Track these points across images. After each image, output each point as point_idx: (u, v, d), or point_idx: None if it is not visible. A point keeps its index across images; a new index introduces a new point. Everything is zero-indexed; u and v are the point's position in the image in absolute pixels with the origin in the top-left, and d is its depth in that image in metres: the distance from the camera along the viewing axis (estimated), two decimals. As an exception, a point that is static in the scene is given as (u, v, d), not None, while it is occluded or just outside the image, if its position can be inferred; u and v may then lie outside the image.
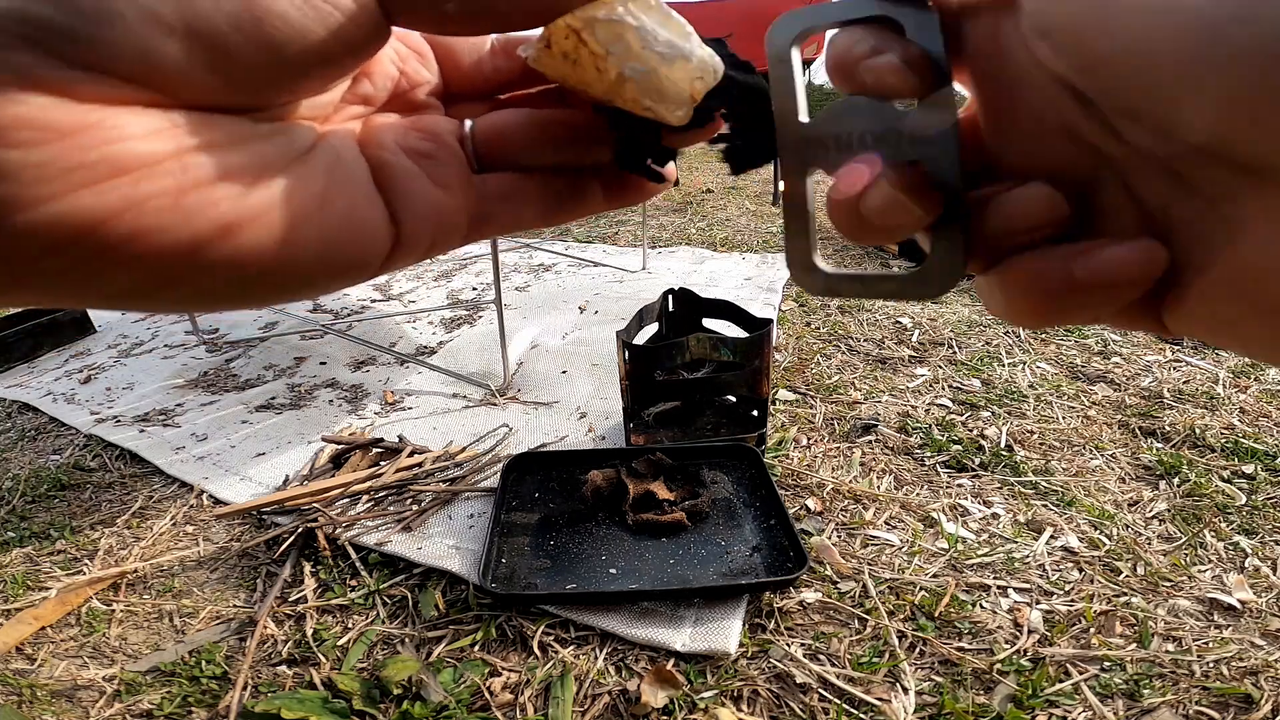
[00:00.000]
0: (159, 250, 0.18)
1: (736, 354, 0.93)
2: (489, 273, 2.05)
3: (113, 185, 0.18)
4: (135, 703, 0.55)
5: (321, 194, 0.21)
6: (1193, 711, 0.56)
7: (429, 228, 0.23)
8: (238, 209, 0.19)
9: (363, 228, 0.22)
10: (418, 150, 0.24)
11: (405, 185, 0.23)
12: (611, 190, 0.28)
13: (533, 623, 0.65)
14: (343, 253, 0.21)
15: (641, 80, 0.24)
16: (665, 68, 0.24)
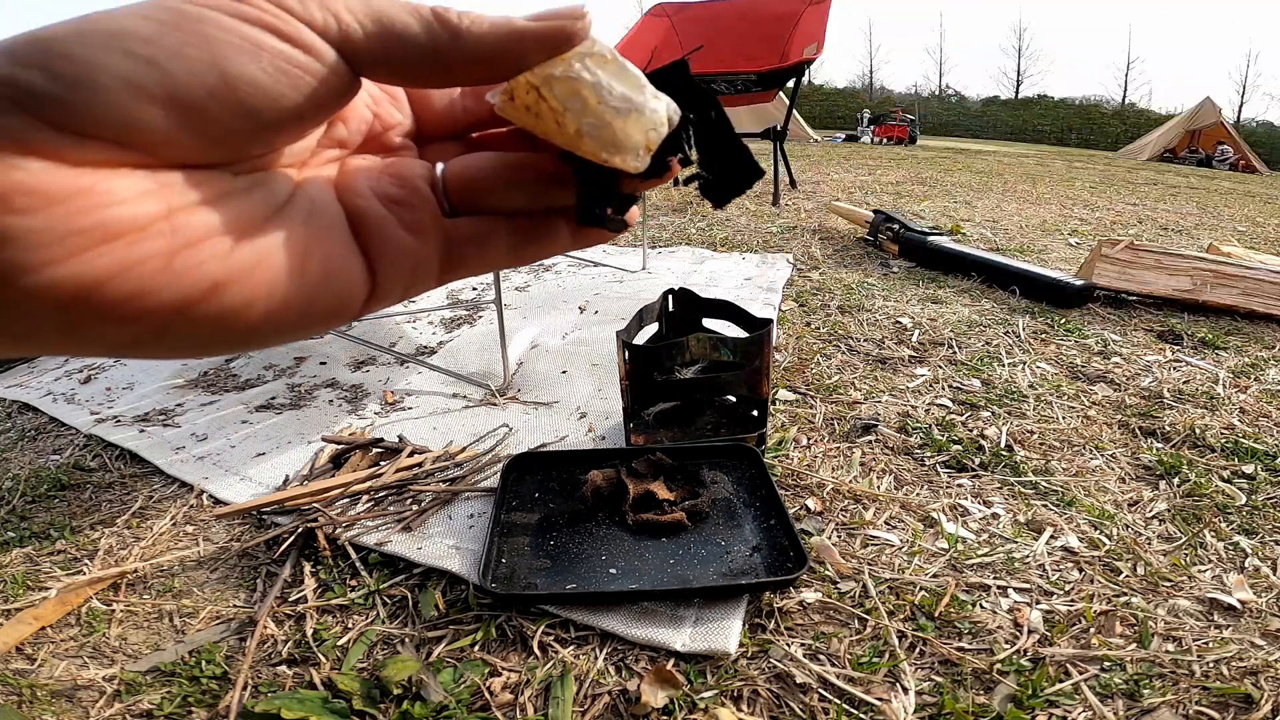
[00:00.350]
0: (152, 310, 0.19)
1: (736, 354, 0.93)
2: (489, 273, 2.05)
3: (109, 249, 0.19)
4: (135, 703, 0.55)
5: (302, 247, 0.22)
6: (1193, 711, 0.56)
7: (404, 273, 0.25)
8: (225, 268, 0.20)
9: (341, 277, 0.23)
10: (391, 197, 0.25)
11: (380, 233, 0.24)
12: (578, 231, 0.30)
13: (533, 623, 0.65)
14: (323, 302, 0.22)
15: (597, 135, 0.26)
16: (619, 121, 0.26)
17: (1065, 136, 25.49)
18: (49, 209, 0.18)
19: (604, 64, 0.27)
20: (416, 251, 0.25)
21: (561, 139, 0.26)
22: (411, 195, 0.26)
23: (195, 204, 0.20)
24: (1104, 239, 1.79)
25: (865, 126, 15.14)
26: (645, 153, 0.26)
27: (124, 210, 0.19)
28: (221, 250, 0.20)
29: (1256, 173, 11.11)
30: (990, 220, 3.05)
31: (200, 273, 0.20)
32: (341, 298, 0.23)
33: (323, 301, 0.23)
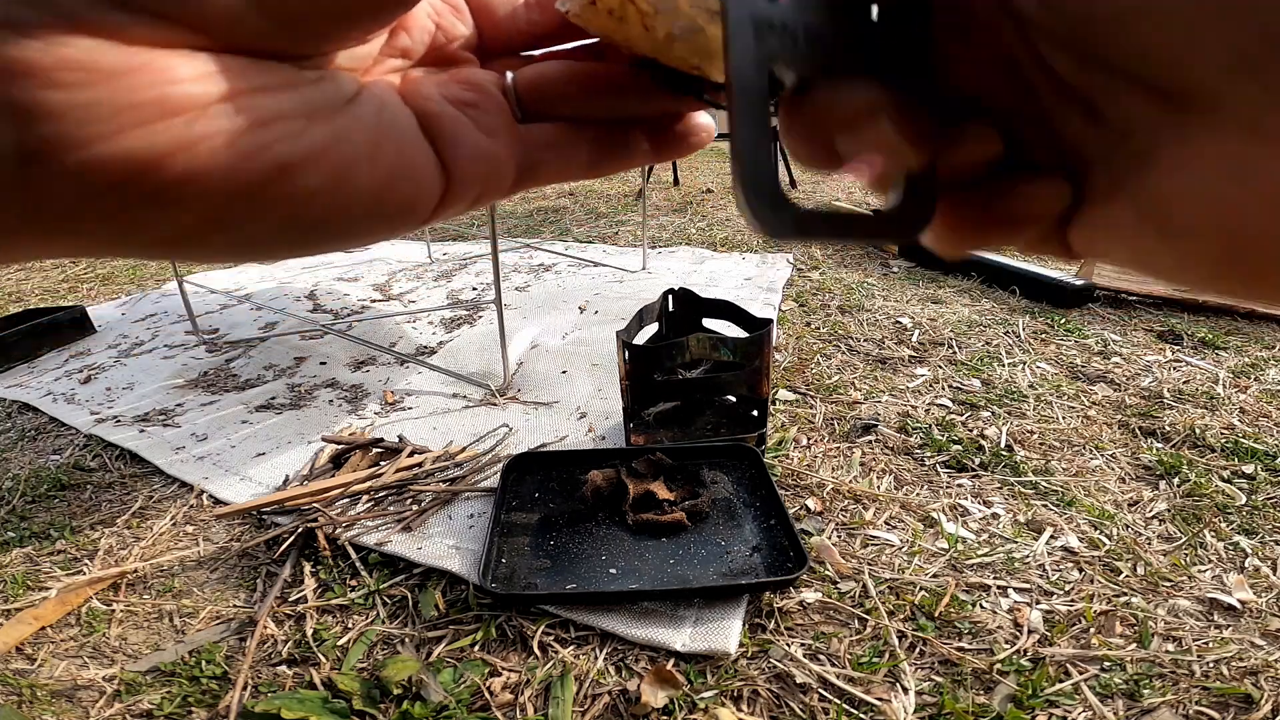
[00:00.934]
0: (213, 191, 0.18)
1: (736, 354, 0.93)
2: (489, 273, 2.05)
3: (165, 126, 0.17)
4: (135, 703, 0.55)
5: (373, 139, 0.21)
6: (1193, 711, 0.56)
7: (479, 175, 0.23)
8: (292, 151, 0.19)
9: (414, 174, 0.21)
10: (462, 100, 0.24)
11: (453, 133, 0.23)
12: (658, 142, 0.28)
13: (533, 623, 0.65)
14: (395, 199, 0.21)
15: (690, 39, 0.23)
16: (714, 27, 0.23)
17: (1065, 136, 25.49)
18: (99, 85, 0.17)
19: None
20: (493, 153, 0.23)
21: (647, 45, 0.23)
22: (483, 99, 0.25)
23: (260, 88, 0.19)
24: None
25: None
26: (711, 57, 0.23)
27: (182, 88, 0.18)
28: (289, 134, 0.19)
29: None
30: (990, 220, 3.05)
31: (267, 155, 0.18)
32: (414, 195, 0.22)
33: (395, 198, 0.21)
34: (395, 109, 0.22)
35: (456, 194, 0.23)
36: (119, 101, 0.17)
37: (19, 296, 2.01)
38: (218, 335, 1.54)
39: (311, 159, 0.19)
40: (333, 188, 0.19)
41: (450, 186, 0.22)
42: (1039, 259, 1.97)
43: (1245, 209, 0.15)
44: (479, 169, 0.23)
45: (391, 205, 0.21)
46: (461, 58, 0.27)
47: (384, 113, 0.21)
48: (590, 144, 0.27)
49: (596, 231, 2.69)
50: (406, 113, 0.22)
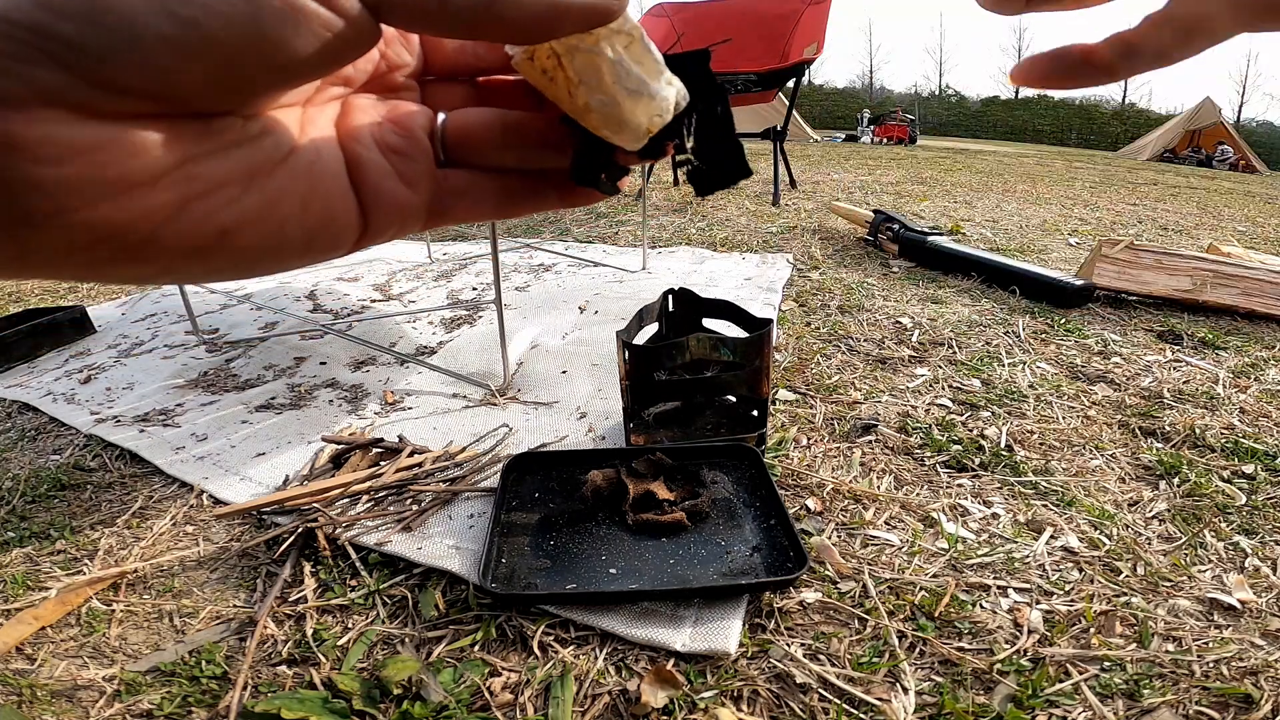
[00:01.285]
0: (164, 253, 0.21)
1: (736, 354, 0.93)
2: (489, 273, 2.05)
3: (128, 198, 0.20)
4: (135, 703, 0.55)
5: (304, 195, 0.24)
6: (1193, 711, 0.56)
7: (394, 222, 0.27)
8: (232, 216, 0.22)
9: (338, 222, 0.25)
10: (392, 146, 0.27)
11: (377, 183, 0.26)
12: (565, 192, 0.31)
13: (533, 623, 0.65)
14: (319, 243, 0.24)
15: (603, 111, 0.27)
16: (629, 103, 0.27)
17: (1065, 136, 25.49)
18: (74, 160, 0.19)
19: (629, 44, 0.28)
20: (409, 202, 0.27)
21: (569, 107, 0.27)
22: (411, 146, 0.28)
23: (208, 154, 0.22)
24: (1104, 239, 1.79)
25: (865, 126, 15.14)
26: (646, 134, 0.28)
27: (142, 161, 0.20)
28: (230, 198, 0.22)
29: (1256, 173, 11.11)
30: (990, 220, 3.05)
31: (210, 221, 0.22)
32: (336, 239, 0.25)
33: (319, 243, 0.25)
34: (328, 158, 0.25)
35: (372, 235, 0.26)
36: (92, 176, 0.20)
37: (19, 296, 2.01)
38: (218, 335, 1.54)
39: (248, 222, 0.23)
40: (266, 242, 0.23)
41: (367, 229, 0.26)
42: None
43: None
44: (394, 216, 0.26)
45: (316, 249, 0.24)
46: (402, 86, 0.29)
47: (317, 165, 0.24)
48: (500, 191, 0.30)
49: (596, 231, 2.68)
50: (338, 159, 0.25)
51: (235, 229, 0.22)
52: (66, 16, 0.19)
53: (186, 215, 0.21)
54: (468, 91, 0.31)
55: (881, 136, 14.04)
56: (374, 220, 0.26)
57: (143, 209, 0.21)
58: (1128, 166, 9.45)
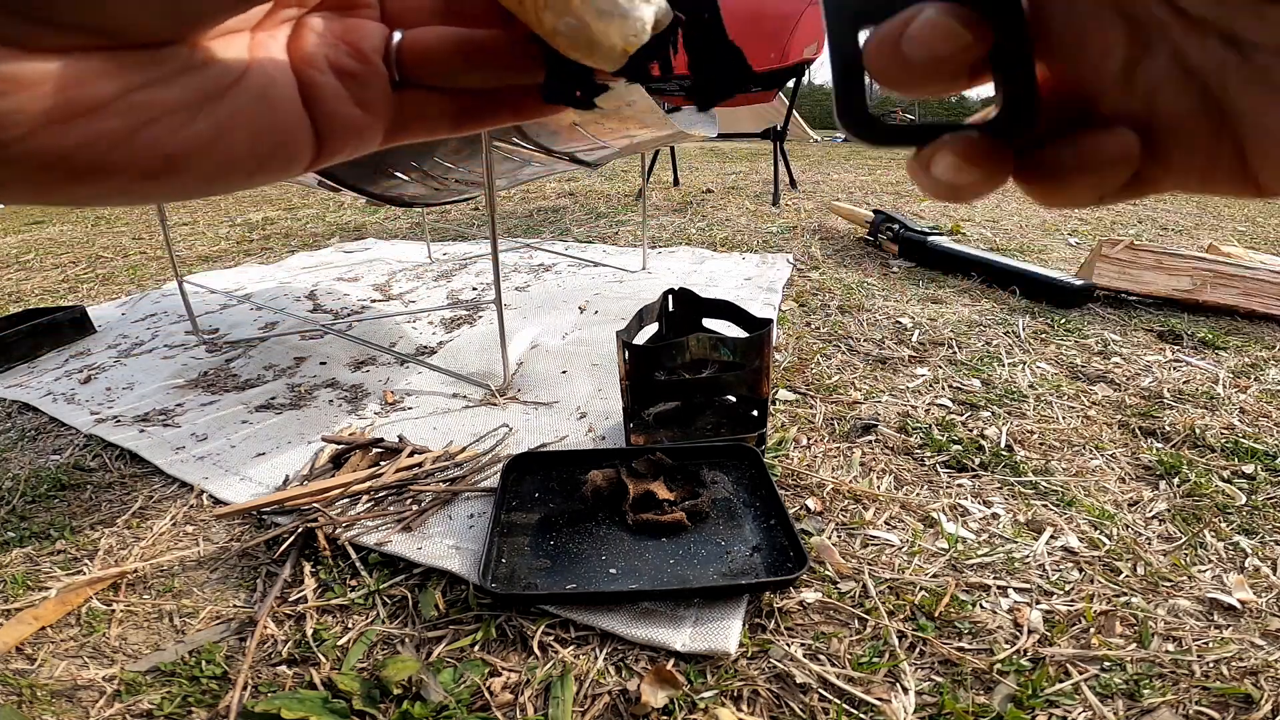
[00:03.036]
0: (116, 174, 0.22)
1: (736, 354, 0.93)
2: (489, 273, 2.05)
3: (72, 126, 0.21)
4: (135, 703, 0.55)
5: (255, 120, 0.24)
6: (1193, 711, 0.56)
7: (348, 143, 0.26)
8: (180, 142, 0.22)
9: (291, 144, 0.25)
10: (346, 69, 0.26)
11: (331, 107, 0.25)
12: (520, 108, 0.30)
13: (533, 623, 0.65)
14: (272, 166, 0.24)
15: (571, 34, 0.25)
16: (599, 24, 0.25)
17: (1065, 136, 25.44)
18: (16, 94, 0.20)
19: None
20: (363, 125, 0.26)
21: (539, 30, 0.26)
22: (365, 69, 0.27)
23: (152, 82, 0.21)
24: (1104, 239, 1.79)
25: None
26: (623, 55, 0.26)
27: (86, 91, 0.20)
28: (178, 124, 0.22)
29: (1256, 173, 11.08)
30: (990, 220, 3.05)
31: (159, 148, 0.22)
32: (289, 161, 0.25)
33: (272, 165, 0.24)
34: (279, 85, 0.24)
35: (327, 156, 0.26)
36: (35, 108, 0.20)
37: (19, 296, 2.01)
38: (218, 335, 1.54)
39: (198, 148, 0.22)
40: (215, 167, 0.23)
41: (321, 151, 0.26)
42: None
43: None
44: (349, 137, 0.26)
45: (269, 170, 0.24)
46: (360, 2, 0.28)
47: (266, 92, 0.24)
48: (456, 109, 0.29)
49: (596, 231, 2.68)
50: (290, 83, 0.25)
51: (185, 154, 0.22)
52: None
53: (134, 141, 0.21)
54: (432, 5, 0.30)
55: (881, 136, 14.01)
56: (328, 143, 0.26)
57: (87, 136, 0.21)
58: (1128, 166, 9.39)
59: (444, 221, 3.04)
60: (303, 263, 2.31)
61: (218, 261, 2.43)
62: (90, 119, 0.21)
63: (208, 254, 2.58)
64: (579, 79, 0.27)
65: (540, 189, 4.02)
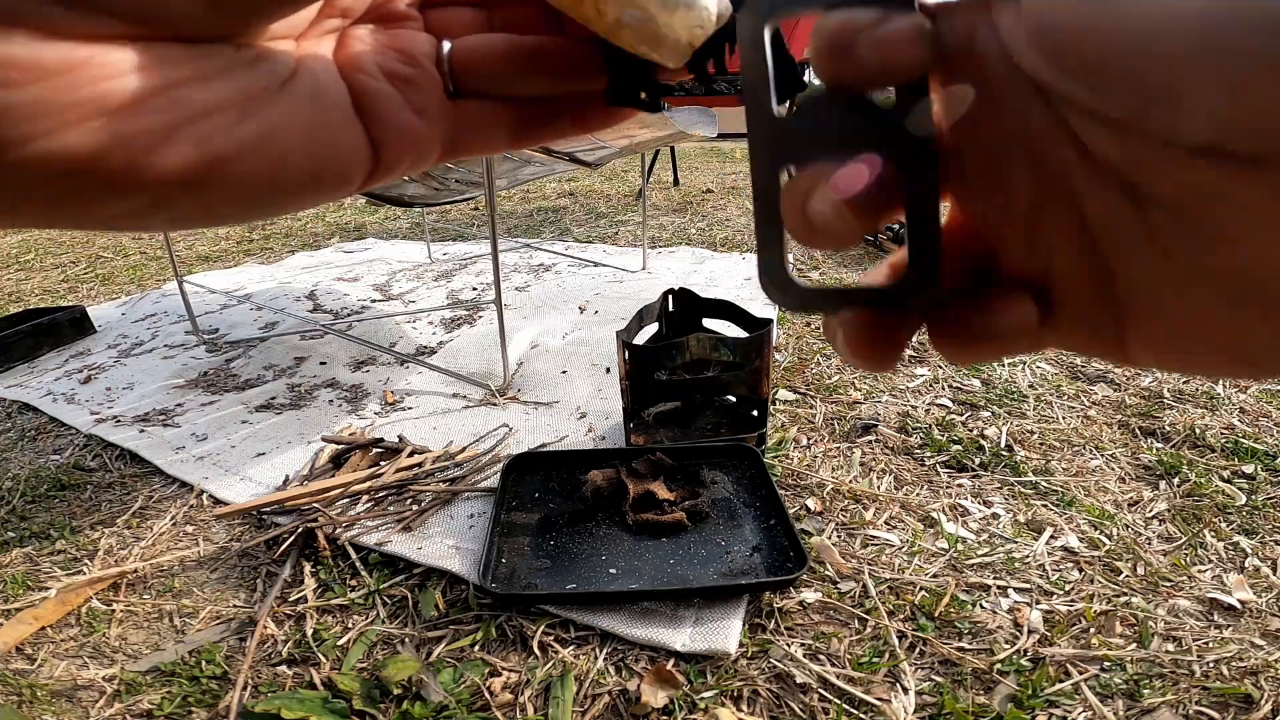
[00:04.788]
0: (152, 182, 0.18)
1: (736, 354, 0.93)
2: (489, 273, 2.05)
3: (103, 123, 0.18)
4: (135, 703, 0.55)
5: (307, 123, 0.21)
6: (1193, 711, 0.56)
7: (407, 153, 0.24)
8: (229, 142, 0.19)
9: (346, 155, 0.22)
10: (398, 75, 0.24)
11: (386, 113, 0.23)
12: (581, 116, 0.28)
13: (533, 623, 0.65)
14: (327, 177, 0.22)
15: (638, 27, 0.24)
16: (665, 15, 0.24)
17: (1065, 136, 25.48)
18: (39, 83, 0.17)
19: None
20: (421, 133, 0.24)
21: (599, 26, 0.24)
22: (419, 74, 0.25)
23: (196, 77, 0.19)
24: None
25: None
26: (689, 48, 0.25)
27: (120, 83, 0.18)
28: (225, 124, 0.20)
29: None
30: (990, 220, 3.05)
31: (205, 148, 0.19)
32: (346, 173, 0.23)
33: (327, 175, 0.22)
34: (332, 87, 0.22)
35: (385, 170, 0.24)
36: (59, 100, 0.17)
37: (19, 296, 2.01)
38: (218, 335, 1.54)
39: (246, 151, 0.20)
40: (266, 175, 0.20)
41: (379, 163, 0.23)
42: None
43: None
44: (407, 148, 0.24)
45: (324, 183, 0.22)
46: (404, 15, 0.26)
47: (320, 94, 0.22)
48: (515, 120, 0.27)
49: (596, 231, 2.69)
50: (341, 89, 0.22)
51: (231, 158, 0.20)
52: None
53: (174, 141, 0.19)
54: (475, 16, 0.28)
55: (881, 136, 14.03)
56: (386, 154, 0.23)
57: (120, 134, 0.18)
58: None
59: (444, 221, 3.04)
60: (303, 263, 2.31)
61: (218, 261, 2.43)
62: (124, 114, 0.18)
63: (208, 254, 2.58)
64: (644, 77, 0.26)
65: (540, 189, 4.02)
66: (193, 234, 3.06)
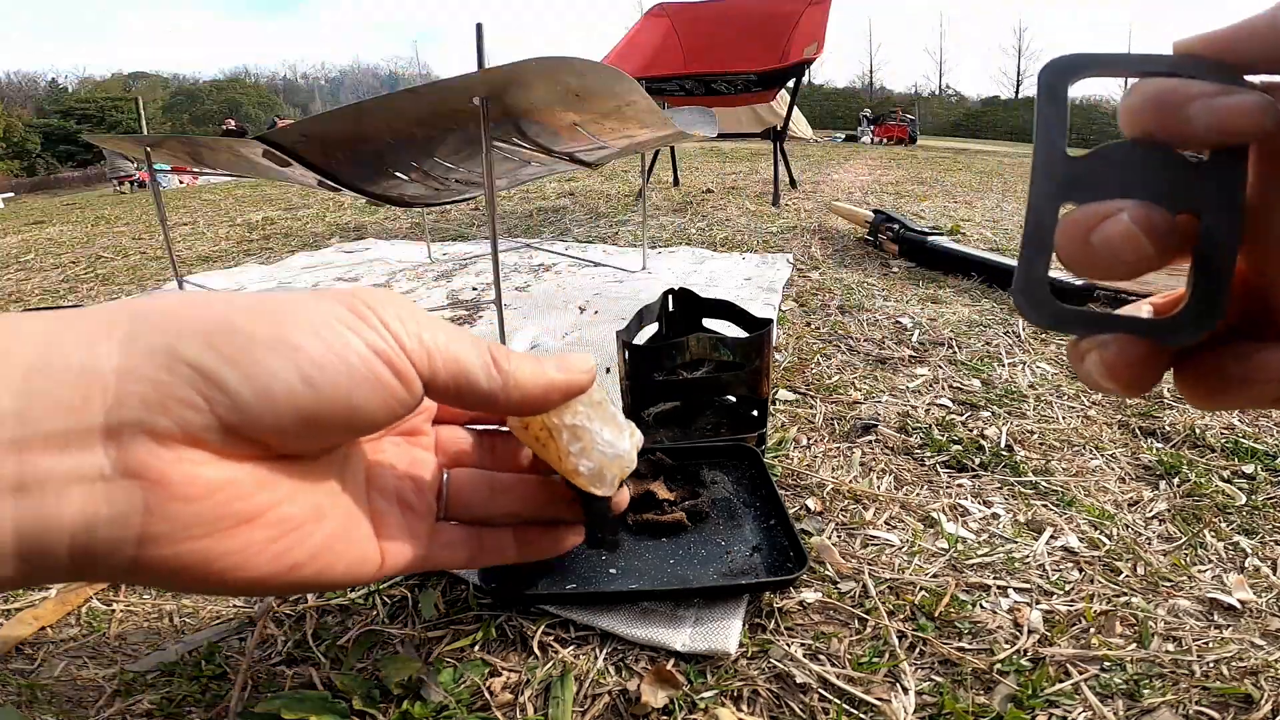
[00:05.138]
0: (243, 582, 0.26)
1: (736, 354, 0.93)
2: (489, 273, 2.05)
3: (234, 534, 0.25)
4: (135, 703, 0.55)
5: (345, 536, 0.32)
6: (1193, 711, 0.56)
7: (400, 567, 0.36)
8: (303, 551, 0.28)
9: (366, 561, 0.33)
10: (407, 502, 0.37)
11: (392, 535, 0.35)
12: (524, 544, 0.43)
13: (533, 623, 0.65)
14: (349, 579, 0.32)
15: (590, 473, 0.40)
16: (608, 464, 0.41)
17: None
18: (205, 499, 0.24)
19: (597, 408, 0.41)
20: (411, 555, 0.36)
21: (560, 467, 0.39)
22: (420, 501, 0.38)
23: (291, 495, 0.28)
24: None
25: (865, 126, 15.15)
26: (614, 483, 0.41)
27: (248, 503, 0.26)
28: (302, 538, 0.28)
29: (1256, 173, 11.07)
30: (990, 220, 3.05)
31: (288, 557, 0.27)
32: (360, 576, 0.33)
33: (350, 577, 0.32)
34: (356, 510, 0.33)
35: (385, 574, 0.35)
36: (211, 514, 0.24)
37: (19, 297, 2.01)
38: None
39: (310, 558, 0.29)
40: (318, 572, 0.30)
41: (383, 569, 0.35)
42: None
43: None
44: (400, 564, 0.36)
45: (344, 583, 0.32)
46: (420, 430, 0.41)
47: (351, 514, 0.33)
48: (473, 547, 0.40)
49: (596, 231, 2.69)
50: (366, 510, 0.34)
51: (300, 564, 0.28)
52: (230, 360, 0.24)
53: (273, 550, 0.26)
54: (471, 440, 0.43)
55: (881, 136, 14.05)
56: (387, 564, 0.34)
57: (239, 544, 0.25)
58: (1128, 166, 9.38)
59: (444, 221, 3.04)
60: (303, 263, 2.31)
61: (218, 262, 2.43)
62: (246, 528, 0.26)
63: (208, 254, 2.58)
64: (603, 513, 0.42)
65: (540, 189, 4.02)
66: (193, 234, 3.07)
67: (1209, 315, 0.19)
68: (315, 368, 0.25)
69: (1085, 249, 0.19)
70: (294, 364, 0.25)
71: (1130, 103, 0.19)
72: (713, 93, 3.62)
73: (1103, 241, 0.18)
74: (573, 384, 0.37)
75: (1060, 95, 0.20)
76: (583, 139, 1.43)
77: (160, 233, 2.35)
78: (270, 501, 0.26)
